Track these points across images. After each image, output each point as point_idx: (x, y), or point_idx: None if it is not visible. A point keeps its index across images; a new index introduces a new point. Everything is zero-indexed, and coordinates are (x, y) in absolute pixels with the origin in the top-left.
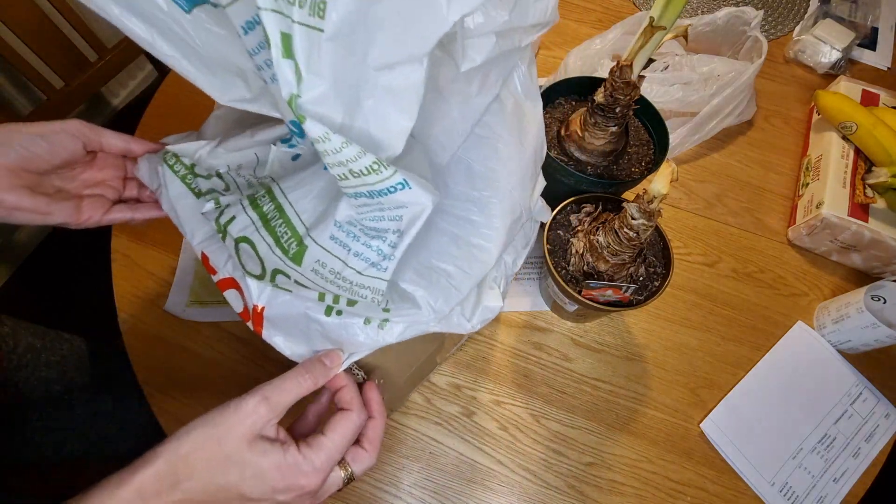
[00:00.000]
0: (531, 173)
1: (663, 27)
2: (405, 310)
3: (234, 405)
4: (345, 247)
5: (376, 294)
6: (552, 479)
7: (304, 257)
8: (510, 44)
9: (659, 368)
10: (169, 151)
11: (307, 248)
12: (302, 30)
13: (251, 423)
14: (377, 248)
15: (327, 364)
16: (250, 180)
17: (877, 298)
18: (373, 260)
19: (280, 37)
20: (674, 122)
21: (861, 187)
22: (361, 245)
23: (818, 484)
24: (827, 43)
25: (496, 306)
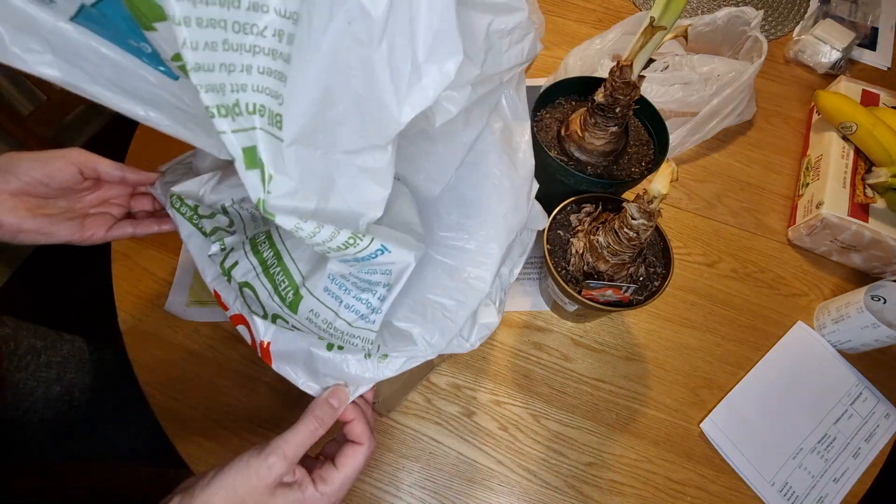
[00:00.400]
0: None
1: (663, 27)
2: (402, 346)
3: (254, 466)
4: (337, 299)
5: (366, 343)
6: (552, 479)
7: (300, 306)
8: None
9: (659, 368)
10: (174, 194)
11: (302, 298)
12: (264, 136)
13: (272, 479)
14: (366, 301)
15: (334, 405)
16: (253, 213)
17: (877, 298)
18: (362, 312)
19: (242, 152)
20: (674, 122)
21: (861, 187)
22: (352, 298)
23: (818, 484)
24: (827, 43)
25: (492, 323)
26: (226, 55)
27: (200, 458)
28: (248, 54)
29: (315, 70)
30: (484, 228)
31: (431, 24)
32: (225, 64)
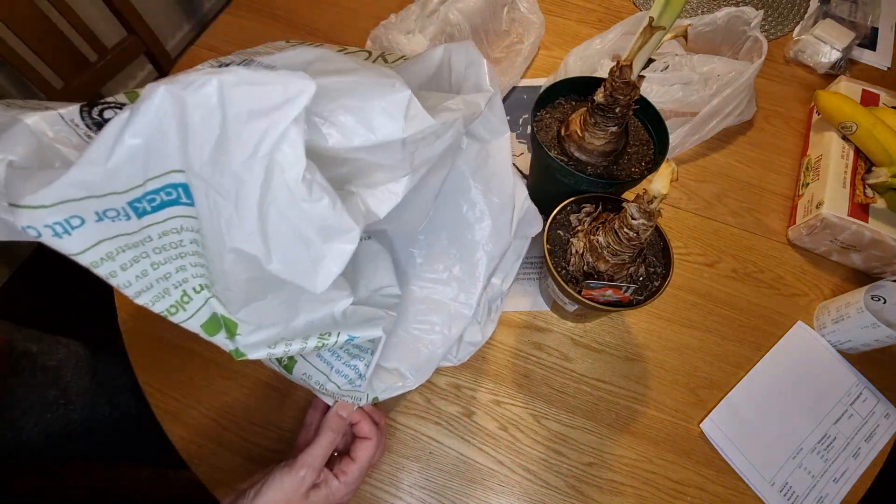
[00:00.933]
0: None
1: (663, 27)
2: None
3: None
4: (329, 364)
5: (356, 400)
6: (552, 479)
7: (294, 369)
8: (435, 159)
9: (659, 368)
10: None
11: (297, 363)
12: (215, 302)
13: (305, 488)
14: (355, 367)
15: (343, 416)
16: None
17: (877, 298)
18: (350, 377)
19: (202, 328)
20: (674, 122)
21: (861, 187)
22: (343, 364)
23: (818, 484)
24: (827, 43)
25: (478, 341)
26: (158, 272)
27: (200, 458)
28: (177, 261)
29: (231, 278)
30: (464, 259)
31: (316, 226)
32: (161, 276)
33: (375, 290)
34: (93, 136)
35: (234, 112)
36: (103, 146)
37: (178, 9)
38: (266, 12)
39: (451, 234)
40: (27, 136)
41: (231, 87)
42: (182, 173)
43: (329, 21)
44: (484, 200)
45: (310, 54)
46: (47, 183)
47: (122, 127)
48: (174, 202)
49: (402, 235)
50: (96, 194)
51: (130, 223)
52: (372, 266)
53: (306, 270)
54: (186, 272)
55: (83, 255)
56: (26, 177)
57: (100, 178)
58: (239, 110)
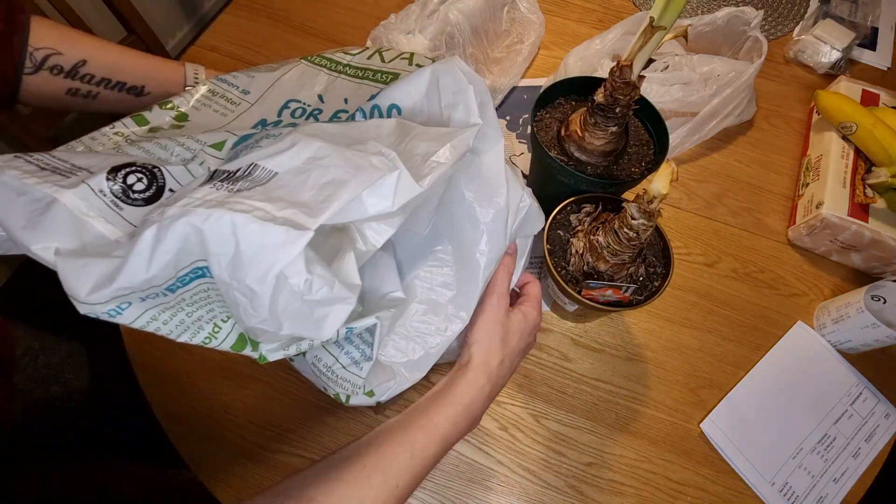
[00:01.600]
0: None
1: (663, 27)
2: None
3: (488, 311)
4: (341, 347)
5: (355, 388)
6: (552, 479)
7: (308, 353)
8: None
9: (659, 368)
10: None
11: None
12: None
13: (504, 309)
14: (362, 350)
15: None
16: None
17: (877, 298)
18: (356, 358)
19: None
20: (674, 122)
21: (861, 187)
22: (353, 346)
23: (818, 484)
24: (827, 43)
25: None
26: (192, 317)
27: (200, 458)
28: (207, 306)
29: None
30: (463, 262)
31: (319, 302)
32: (195, 320)
33: (382, 296)
34: (119, 201)
35: (246, 244)
36: (141, 261)
37: (178, 9)
38: (266, 12)
39: (450, 239)
40: (66, 217)
41: (242, 226)
42: (205, 261)
43: (329, 21)
44: (478, 208)
45: (310, 149)
46: (101, 286)
47: (153, 247)
48: (201, 276)
49: (406, 240)
50: (140, 289)
51: (168, 297)
52: (377, 275)
53: (313, 328)
54: (215, 311)
55: (133, 323)
56: (76, 270)
57: (141, 282)
58: (250, 244)
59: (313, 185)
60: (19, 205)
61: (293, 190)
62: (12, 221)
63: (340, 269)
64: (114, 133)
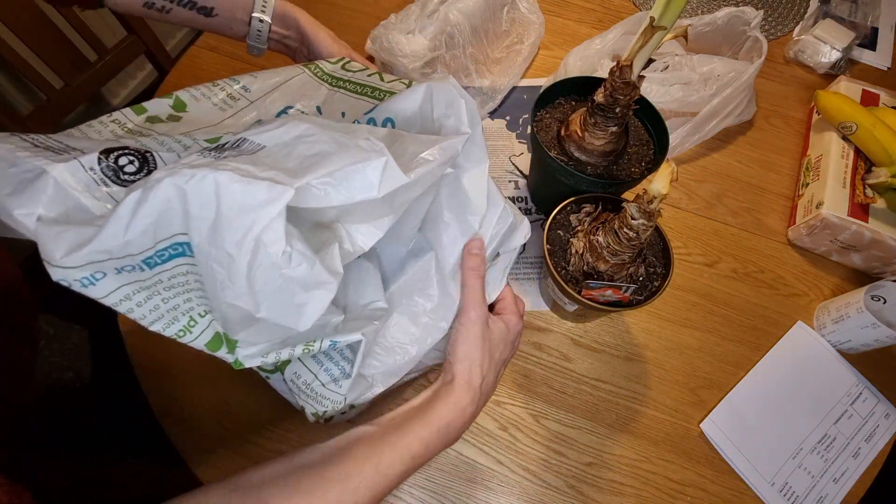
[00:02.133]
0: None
1: (663, 27)
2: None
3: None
4: (320, 363)
5: (335, 405)
6: (552, 479)
7: (287, 369)
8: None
9: (659, 368)
10: None
11: (289, 363)
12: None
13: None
14: (342, 367)
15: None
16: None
17: (877, 298)
18: (335, 376)
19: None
20: (674, 122)
21: (861, 187)
22: (332, 363)
23: (818, 484)
24: (827, 43)
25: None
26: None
27: (201, 458)
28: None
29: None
30: (443, 277)
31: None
32: (170, 308)
33: (364, 306)
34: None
35: (227, 204)
36: (120, 223)
37: None
38: None
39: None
40: (52, 188)
41: (225, 184)
42: (186, 235)
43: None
44: (457, 225)
45: (298, 129)
46: (75, 248)
47: (134, 208)
48: (180, 255)
49: (390, 252)
50: (116, 256)
51: (144, 273)
52: (361, 283)
53: (291, 314)
54: (192, 302)
55: (106, 298)
56: (55, 235)
57: (118, 246)
58: (231, 203)
59: (298, 156)
60: (8, 175)
61: (279, 159)
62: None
63: (324, 257)
64: (111, 121)
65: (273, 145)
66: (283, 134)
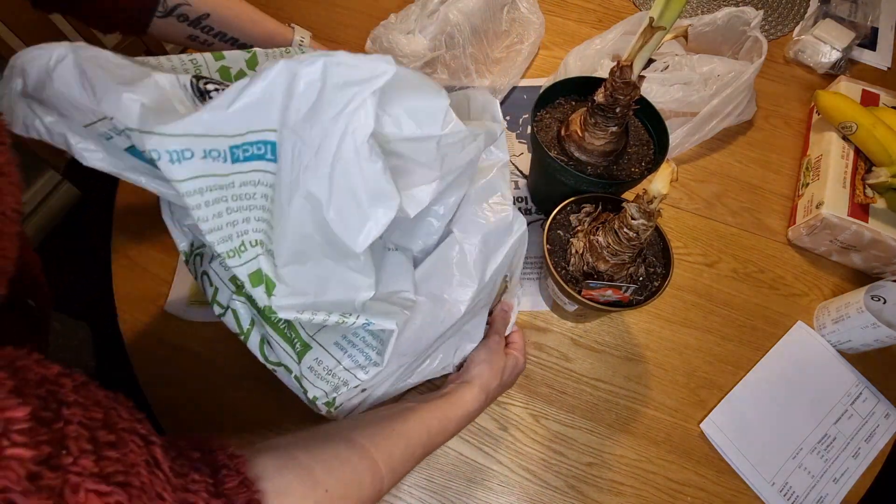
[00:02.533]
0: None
1: (663, 27)
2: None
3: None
4: (344, 350)
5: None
6: (552, 479)
7: (306, 356)
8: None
9: (659, 368)
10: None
11: (310, 349)
12: (264, 259)
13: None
14: (367, 355)
15: (507, 312)
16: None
17: (877, 298)
18: (360, 363)
19: (248, 277)
20: (674, 122)
21: (861, 187)
22: (357, 350)
23: (818, 484)
24: (827, 43)
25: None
26: (230, 217)
27: None
28: (245, 212)
29: (290, 226)
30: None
31: (368, 188)
32: (230, 222)
33: (394, 292)
34: (196, 98)
35: (332, 82)
36: (229, 97)
37: None
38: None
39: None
40: (155, 88)
41: (332, 66)
42: (275, 132)
43: (329, 21)
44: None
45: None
46: (178, 118)
47: (245, 85)
48: (261, 157)
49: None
50: (211, 134)
51: (225, 165)
52: (394, 271)
53: (353, 227)
54: (249, 224)
55: (183, 184)
56: (157, 113)
57: (218, 121)
58: (335, 81)
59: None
60: (119, 73)
61: None
62: (111, 80)
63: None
64: (189, 59)
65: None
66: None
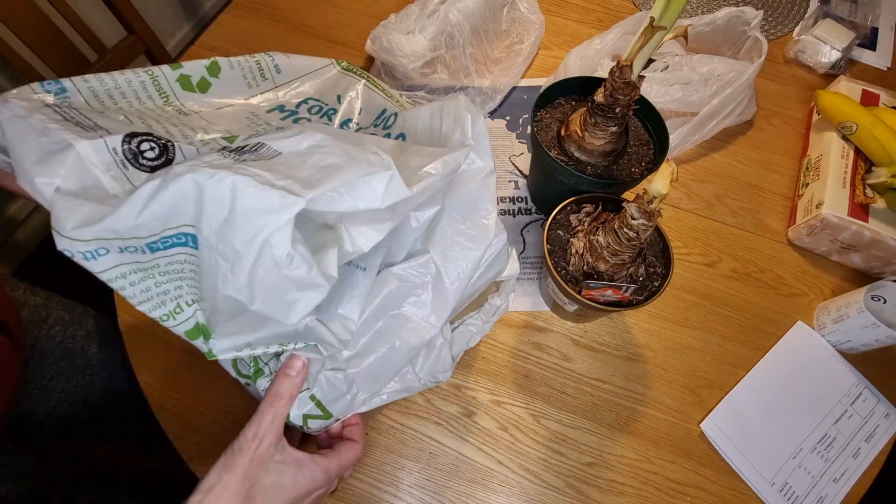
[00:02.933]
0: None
1: (663, 27)
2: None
3: (235, 448)
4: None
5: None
6: (552, 479)
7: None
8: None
9: (659, 368)
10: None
11: (263, 375)
12: (201, 314)
13: (259, 458)
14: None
15: (292, 374)
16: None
17: (877, 298)
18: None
19: (185, 334)
20: (674, 122)
21: (861, 187)
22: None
23: (818, 484)
24: (827, 43)
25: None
26: (159, 288)
27: (200, 458)
28: (177, 281)
29: (220, 302)
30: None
31: (295, 284)
32: (161, 292)
33: (341, 316)
34: (126, 163)
35: (242, 205)
36: (134, 207)
37: (178, 9)
38: (266, 12)
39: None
40: (74, 162)
41: (242, 188)
42: (193, 227)
43: (329, 21)
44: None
45: (313, 139)
46: (86, 224)
47: (151, 195)
48: (183, 244)
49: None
50: (122, 237)
51: (144, 255)
52: (348, 295)
53: (282, 310)
54: (182, 290)
55: (103, 274)
56: (69, 207)
57: (127, 228)
58: (245, 205)
59: (312, 166)
60: (38, 144)
61: (293, 167)
62: (26, 155)
63: (322, 260)
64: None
65: (289, 153)
66: (299, 142)
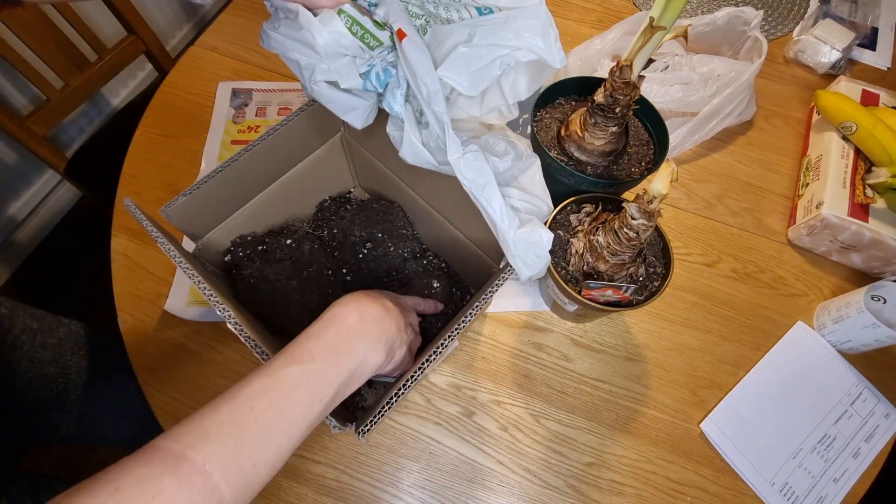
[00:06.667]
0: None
1: (663, 27)
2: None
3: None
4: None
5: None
6: (552, 479)
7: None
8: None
9: (659, 368)
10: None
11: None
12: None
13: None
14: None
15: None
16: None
17: (877, 298)
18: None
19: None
20: (674, 122)
21: (861, 187)
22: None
23: (818, 484)
24: (827, 43)
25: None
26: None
27: None
28: None
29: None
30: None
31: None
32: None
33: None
34: None
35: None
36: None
37: (178, 9)
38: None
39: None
40: None
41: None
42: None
43: None
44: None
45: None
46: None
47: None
48: None
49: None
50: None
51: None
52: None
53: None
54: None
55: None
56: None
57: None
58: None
59: None
60: None
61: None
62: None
63: None
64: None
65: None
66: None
